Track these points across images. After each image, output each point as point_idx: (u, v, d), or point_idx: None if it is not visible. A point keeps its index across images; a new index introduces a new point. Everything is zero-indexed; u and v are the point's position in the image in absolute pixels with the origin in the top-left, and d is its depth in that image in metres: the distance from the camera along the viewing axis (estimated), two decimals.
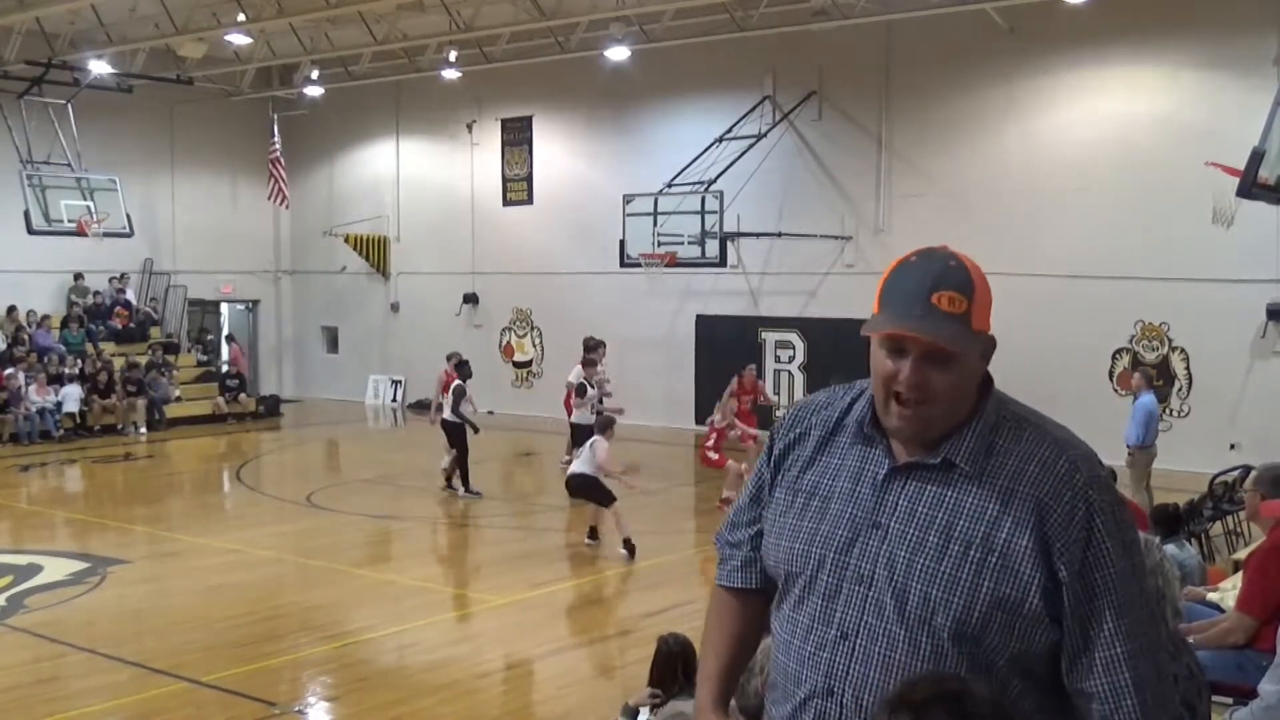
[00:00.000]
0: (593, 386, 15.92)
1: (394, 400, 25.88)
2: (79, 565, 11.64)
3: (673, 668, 5.54)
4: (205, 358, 25.61)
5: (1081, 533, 2.18)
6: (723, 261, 19.40)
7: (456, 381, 15.53)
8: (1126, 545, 2.22)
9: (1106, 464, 2.52)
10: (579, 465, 12.20)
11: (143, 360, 22.98)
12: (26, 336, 22.40)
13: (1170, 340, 17.12)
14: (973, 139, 18.56)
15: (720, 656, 2.57)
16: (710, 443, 14.58)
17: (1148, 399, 13.07)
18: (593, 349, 16.45)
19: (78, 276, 24.01)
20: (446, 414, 15.34)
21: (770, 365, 20.61)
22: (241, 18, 18.55)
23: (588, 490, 12.10)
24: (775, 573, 2.43)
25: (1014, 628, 2.17)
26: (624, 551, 11.80)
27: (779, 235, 19.93)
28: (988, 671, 2.17)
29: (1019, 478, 2.21)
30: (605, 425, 12.51)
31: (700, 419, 21.28)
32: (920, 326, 2.18)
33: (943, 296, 2.19)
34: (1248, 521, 8.82)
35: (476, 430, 15.34)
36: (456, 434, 15.28)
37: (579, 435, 14.68)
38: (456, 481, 15.41)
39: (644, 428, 16.85)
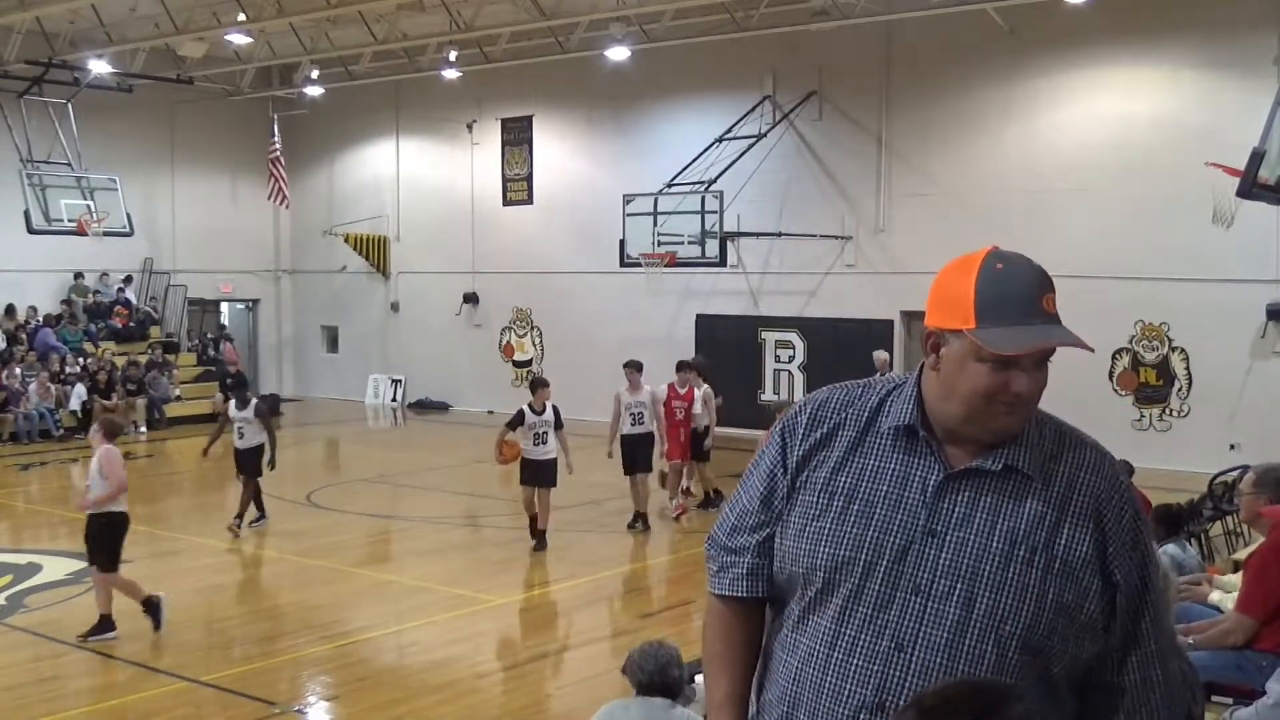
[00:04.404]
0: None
1: (394, 400, 25.88)
2: (78, 564, 11.60)
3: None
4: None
5: (1130, 535, 2.19)
6: (723, 261, 19.38)
7: (230, 402, 13.46)
8: (1152, 545, 2.26)
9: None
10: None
11: (143, 359, 23.00)
12: (25, 336, 22.41)
13: (1170, 340, 17.12)
14: (973, 139, 18.56)
15: (735, 678, 2.38)
16: None
17: None
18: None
19: (78, 276, 24.05)
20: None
21: (770, 365, 20.59)
22: (241, 17, 18.54)
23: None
24: (807, 579, 2.25)
25: (1072, 633, 2.15)
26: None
27: (779, 235, 19.93)
28: (1042, 678, 2.16)
29: (1074, 483, 2.20)
30: (110, 428, 9.47)
31: None
32: (1059, 336, 2.16)
33: (1049, 299, 2.16)
34: (1245, 524, 8.82)
35: (271, 463, 12.99)
36: (245, 461, 13.03)
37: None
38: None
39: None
